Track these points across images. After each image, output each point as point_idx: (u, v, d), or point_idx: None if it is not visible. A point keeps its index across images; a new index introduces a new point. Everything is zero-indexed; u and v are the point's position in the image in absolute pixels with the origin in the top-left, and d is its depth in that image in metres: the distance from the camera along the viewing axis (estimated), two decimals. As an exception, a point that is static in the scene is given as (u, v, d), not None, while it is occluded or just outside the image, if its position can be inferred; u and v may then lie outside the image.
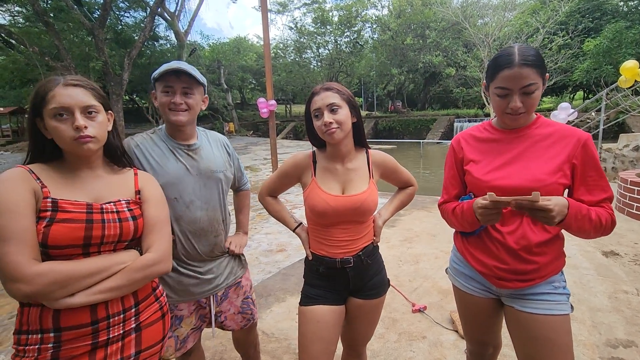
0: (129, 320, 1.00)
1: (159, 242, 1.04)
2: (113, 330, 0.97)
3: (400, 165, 1.48)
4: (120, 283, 0.95)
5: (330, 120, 1.20)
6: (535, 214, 0.99)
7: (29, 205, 0.88)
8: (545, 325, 1.14)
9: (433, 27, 22.87)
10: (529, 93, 1.07)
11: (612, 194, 1.13)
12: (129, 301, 1.01)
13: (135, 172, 1.14)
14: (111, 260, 0.95)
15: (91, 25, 13.74)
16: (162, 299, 1.14)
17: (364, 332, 1.45)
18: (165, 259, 1.05)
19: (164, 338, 1.13)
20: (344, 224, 1.31)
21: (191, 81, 1.31)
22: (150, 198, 1.09)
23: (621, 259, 3.40)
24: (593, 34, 19.05)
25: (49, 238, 0.88)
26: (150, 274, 1.01)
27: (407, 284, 3.06)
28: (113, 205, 1.00)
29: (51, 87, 0.94)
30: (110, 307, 0.96)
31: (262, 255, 3.88)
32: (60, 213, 0.90)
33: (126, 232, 0.99)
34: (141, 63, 20.11)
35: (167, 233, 1.10)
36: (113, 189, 1.04)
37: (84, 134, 0.94)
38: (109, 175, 1.07)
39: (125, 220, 0.99)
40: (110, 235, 0.96)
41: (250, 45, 36.29)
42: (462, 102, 26.33)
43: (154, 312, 1.09)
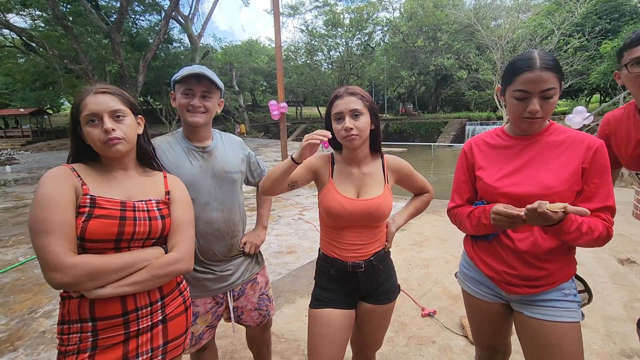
0: (156, 313, 1.08)
1: (182, 242, 1.11)
2: (142, 321, 1.04)
3: (416, 171, 1.48)
4: (145, 278, 1.02)
5: (351, 126, 1.22)
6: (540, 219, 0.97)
7: (69, 201, 0.96)
8: (554, 332, 1.13)
9: (445, 29, 22.71)
10: (547, 97, 1.08)
11: (612, 204, 1.10)
12: (155, 295, 1.08)
13: (164, 175, 1.21)
14: (138, 257, 1.02)
15: (108, 28, 14.09)
16: (186, 293, 1.22)
17: (374, 337, 1.46)
18: (187, 258, 1.10)
19: (187, 330, 1.20)
20: (357, 228, 1.32)
21: (210, 85, 1.37)
22: (178, 200, 1.17)
23: (637, 267, 3.32)
24: (611, 35, 18.60)
25: (86, 232, 0.95)
26: (172, 272, 1.07)
27: (416, 288, 3.05)
28: (144, 204, 1.07)
29: (84, 97, 1.04)
30: (139, 300, 1.04)
31: (272, 257, 3.92)
32: (98, 209, 0.98)
33: (155, 230, 1.06)
34: (155, 66, 20.50)
35: (191, 234, 1.16)
36: (144, 189, 1.12)
37: (112, 136, 1.02)
38: (141, 177, 1.15)
39: (154, 219, 1.06)
40: (140, 232, 1.03)
41: (262, 48, 36.63)
42: (474, 105, 26.04)
43: (178, 305, 1.16)
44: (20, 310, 2.91)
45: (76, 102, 1.05)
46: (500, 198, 1.18)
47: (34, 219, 0.92)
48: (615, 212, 1.12)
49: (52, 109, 29.93)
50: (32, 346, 2.40)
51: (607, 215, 1.10)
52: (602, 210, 1.10)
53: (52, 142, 22.21)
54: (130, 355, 1.02)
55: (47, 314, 2.82)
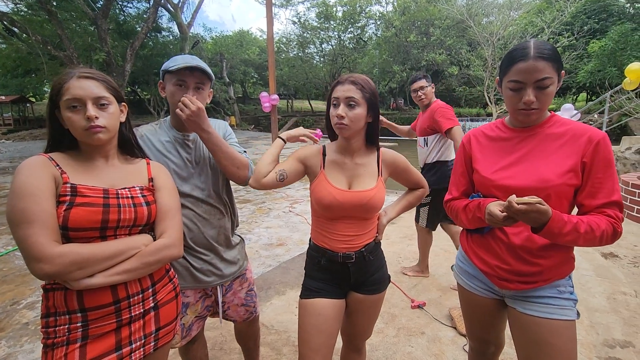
0: (148, 300, 1.07)
1: (171, 228, 1.10)
2: (134, 309, 1.03)
3: (412, 166, 1.47)
4: (136, 266, 1.00)
5: (343, 114, 1.20)
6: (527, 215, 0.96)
7: (49, 190, 0.93)
8: (547, 329, 1.11)
9: (437, 24, 22.72)
10: (543, 87, 1.04)
11: (618, 199, 1.05)
12: (146, 282, 1.07)
13: (147, 162, 1.19)
14: (127, 244, 1.00)
15: (94, 14, 13.67)
16: (175, 280, 1.22)
17: (364, 327, 1.46)
18: (177, 243, 1.10)
19: (177, 317, 1.20)
20: (348, 219, 1.31)
21: (203, 77, 1.34)
22: (162, 186, 1.15)
23: (620, 261, 3.41)
24: (598, 35, 18.91)
25: (69, 221, 0.93)
26: (163, 258, 1.06)
27: (406, 280, 3.07)
28: (127, 191, 1.05)
29: (66, 80, 0.99)
30: (130, 288, 1.02)
31: (262, 249, 3.90)
32: (79, 197, 0.95)
33: (140, 216, 1.04)
34: (143, 54, 20.02)
35: (179, 220, 1.15)
36: (127, 177, 1.09)
37: (94, 124, 0.98)
38: (123, 165, 1.12)
39: (139, 206, 1.05)
40: (125, 219, 1.01)
41: (253, 39, 36.10)
42: (464, 101, 26.22)
43: (169, 291, 1.16)
44: (2, 301, 2.83)
45: (57, 84, 0.99)
46: (496, 191, 1.17)
47: (13, 209, 0.89)
48: (623, 206, 1.07)
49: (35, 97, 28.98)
50: (14, 338, 2.34)
51: (614, 211, 1.05)
52: (608, 206, 1.05)
53: (35, 131, 21.56)
54: (123, 342, 1.01)
55: (30, 306, 2.75)
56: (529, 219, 0.98)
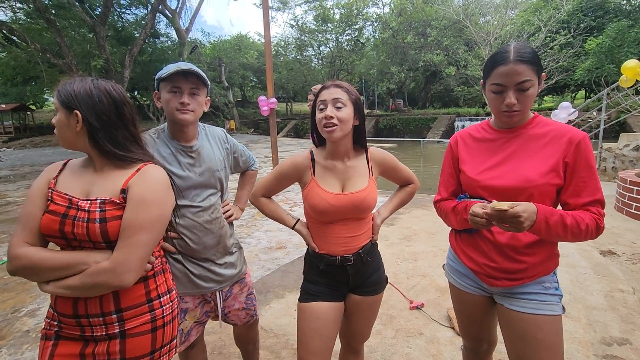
0: (112, 325, 0.98)
1: (120, 250, 0.94)
2: (96, 329, 0.99)
3: (401, 163, 1.48)
4: (76, 284, 0.93)
5: (332, 115, 1.20)
6: (504, 222, 0.99)
7: (40, 193, 0.99)
8: (533, 324, 1.14)
9: (434, 25, 22.80)
10: (523, 90, 1.08)
11: (601, 197, 1.09)
12: (108, 305, 0.98)
13: (139, 169, 1.03)
14: (79, 259, 0.93)
15: (92, 22, 13.76)
16: (158, 312, 1.05)
17: (362, 329, 1.47)
18: (120, 271, 0.92)
19: (154, 353, 1.04)
20: (344, 221, 1.32)
21: (198, 82, 1.33)
22: (132, 199, 0.97)
23: (618, 258, 3.41)
24: (595, 32, 18.97)
25: (40, 226, 0.97)
26: (98, 283, 0.92)
27: (405, 281, 3.08)
28: (87, 204, 0.95)
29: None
30: (89, 307, 0.97)
31: (262, 253, 3.91)
32: (52, 204, 0.97)
33: (92, 233, 0.93)
34: (142, 60, 20.10)
35: (137, 241, 0.95)
36: (103, 185, 1.00)
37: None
38: (110, 172, 1.02)
39: (92, 222, 0.93)
40: (79, 233, 0.94)
41: (251, 43, 36.25)
42: (463, 101, 26.27)
43: (143, 323, 1.02)
44: (3, 309, 2.84)
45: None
46: (482, 191, 1.19)
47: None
48: (605, 204, 1.11)
49: (35, 105, 29.13)
50: (15, 345, 2.35)
51: (597, 208, 1.09)
52: (592, 204, 1.09)
53: (36, 139, 21.65)
54: (87, 357, 1.01)
55: (30, 313, 2.77)
56: (509, 225, 1.01)
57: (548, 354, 1.12)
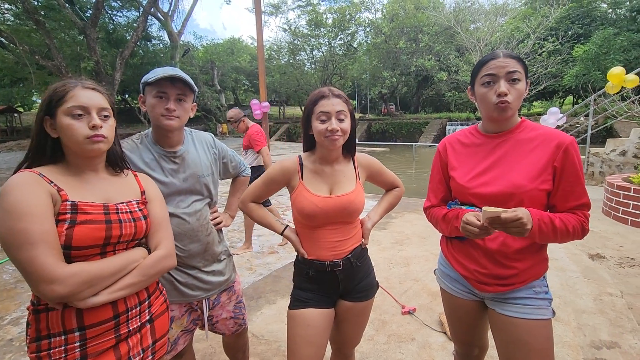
0: (144, 313, 1.07)
1: (166, 239, 1.13)
2: (132, 322, 1.03)
3: (385, 167, 1.51)
4: (138, 279, 1.01)
5: (338, 127, 1.23)
6: (507, 227, 0.99)
7: (48, 209, 0.90)
8: (524, 329, 1.15)
9: (426, 31, 23.06)
10: (514, 80, 1.11)
11: (587, 201, 1.12)
12: (142, 294, 1.08)
13: (134, 174, 1.19)
14: (128, 259, 1.01)
15: (83, 24, 13.60)
16: (165, 293, 1.22)
17: (353, 335, 1.46)
18: (172, 254, 1.13)
19: (168, 331, 1.20)
20: (332, 225, 1.32)
21: (185, 88, 1.31)
22: (154, 198, 1.17)
23: (607, 262, 3.46)
24: (582, 40, 19.41)
25: (72, 240, 0.91)
26: (162, 269, 1.08)
27: (397, 286, 3.08)
28: (126, 206, 1.05)
29: (71, 88, 0.98)
30: (129, 301, 1.02)
31: (254, 257, 3.88)
32: (81, 215, 0.94)
33: (140, 230, 1.06)
34: (133, 63, 19.94)
35: (171, 231, 1.18)
36: (121, 191, 1.09)
37: (98, 133, 0.98)
38: (112, 178, 1.11)
39: (138, 220, 1.06)
40: (126, 234, 1.01)
41: (244, 47, 36.24)
42: (454, 106, 26.58)
43: (161, 303, 1.16)
44: (-15, 318, 2.76)
45: (60, 90, 0.97)
46: (472, 198, 1.20)
47: (10, 231, 0.84)
48: (591, 206, 1.14)
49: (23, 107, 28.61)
50: (-3, 356, 2.28)
51: (582, 212, 1.12)
52: (578, 208, 1.12)
53: (23, 142, 21.20)
54: (123, 359, 1.00)
55: (14, 321, 2.69)
56: (509, 229, 1.01)
57: (539, 358, 1.13)
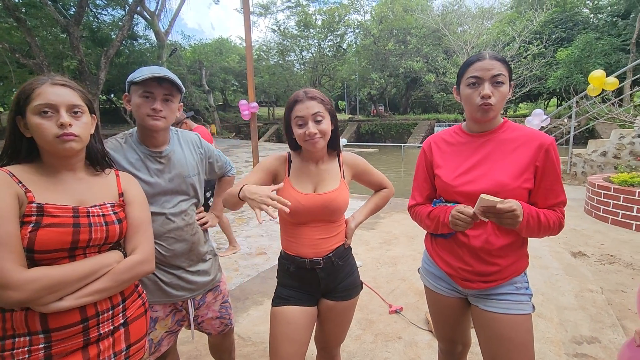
0: (117, 317, 1.03)
1: (143, 243, 1.08)
2: (103, 326, 0.99)
3: (373, 167, 1.51)
4: (109, 285, 0.97)
5: (315, 131, 1.23)
6: (501, 217, 1.03)
7: (12, 210, 0.87)
8: (505, 323, 1.18)
9: (414, 33, 23.30)
10: (498, 83, 1.13)
11: (564, 199, 1.19)
12: (116, 298, 1.04)
13: (117, 174, 1.14)
14: (98, 263, 0.97)
15: (66, 22, 13.27)
16: (144, 295, 1.18)
17: (336, 334, 1.46)
18: (150, 258, 1.08)
19: (147, 332, 1.16)
20: (315, 222, 1.33)
21: (172, 88, 1.30)
22: (133, 200, 1.12)
23: (588, 259, 3.55)
24: (565, 43, 19.92)
25: (35, 243, 0.88)
26: (137, 275, 1.04)
27: (384, 285, 3.09)
28: (99, 209, 1.01)
29: (37, 85, 0.95)
30: (99, 305, 0.98)
31: (241, 259, 3.84)
32: (47, 217, 0.90)
33: (112, 235, 1.01)
34: (119, 62, 19.54)
35: (151, 234, 1.13)
36: (97, 192, 1.05)
37: (68, 132, 0.94)
38: (91, 178, 1.07)
39: (111, 224, 1.01)
40: (97, 238, 0.98)
41: (233, 47, 35.93)
42: (442, 107, 26.90)
43: (138, 307, 1.12)
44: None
45: (27, 88, 0.94)
46: (458, 196, 1.22)
47: None
48: (566, 203, 1.20)
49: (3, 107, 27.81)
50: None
51: (560, 209, 1.18)
52: (557, 205, 1.17)
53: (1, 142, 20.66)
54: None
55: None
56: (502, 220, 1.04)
57: (520, 352, 1.16)
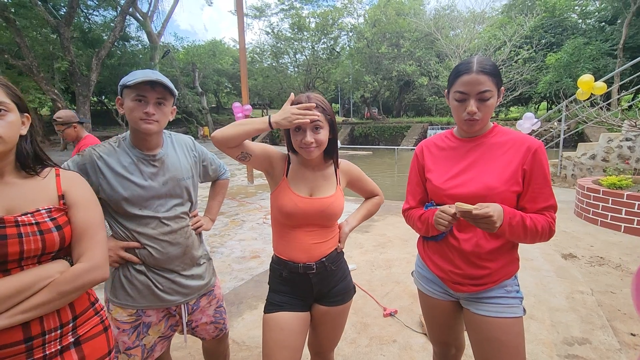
0: (66, 336, 0.95)
1: (91, 249, 0.96)
2: (49, 346, 0.90)
3: (366, 175, 1.53)
4: (49, 298, 0.87)
5: (312, 140, 1.22)
6: (477, 222, 1.05)
7: None
8: (497, 327, 1.19)
9: (407, 36, 23.52)
10: (484, 99, 1.14)
11: (554, 203, 1.18)
12: (66, 315, 0.95)
13: (57, 173, 1.01)
14: (35, 276, 0.87)
15: (56, 22, 13.12)
16: (103, 313, 1.08)
17: (330, 339, 1.46)
18: (99, 265, 0.96)
19: (111, 352, 1.07)
20: (309, 227, 1.32)
21: (165, 92, 1.30)
22: (77, 201, 0.98)
23: (578, 261, 3.60)
24: (555, 48, 20.30)
25: None
26: (83, 285, 0.93)
27: (379, 288, 3.10)
28: (31, 217, 0.88)
29: None
30: (46, 322, 0.90)
31: (235, 262, 3.82)
32: None
33: (50, 244, 0.90)
34: (111, 64, 19.36)
35: (101, 238, 1.01)
36: (30, 197, 0.92)
37: None
38: (23, 182, 0.94)
39: (47, 232, 0.89)
40: (31, 249, 0.87)
41: (226, 49, 35.84)
42: (435, 110, 27.16)
43: (95, 325, 1.03)
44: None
45: None
46: (447, 199, 1.24)
47: None
48: (557, 208, 1.20)
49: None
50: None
51: (550, 213, 1.17)
52: (546, 209, 1.17)
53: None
54: None
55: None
56: (482, 225, 1.06)
57: (512, 354, 1.17)
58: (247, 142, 1.24)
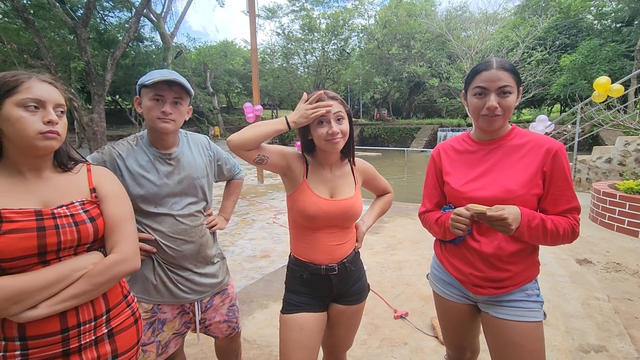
0: (100, 327, 0.99)
1: (122, 241, 1.01)
2: (84, 337, 0.95)
3: (379, 173, 1.54)
4: (85, 288, 0.92)
5: (338, 130, 1.22)
6: (492, 224, 1.04)
7: None
8: (517, 331, 1.17)
9: (418, 38, 23.35)
10: (504, 94, 1.13)
11: (577, 205, 1.16)
12: (100, 308, 0.99)
13: (88, 169, 1.07)
14: (71, 266, 0.91)
15: (73, 23, 13.38)
16: (134, 305, 1.13)
17: (345, 338, 1.47)
18: (130, 257, 1.01)
19: (138, 342, 1.12)
20: (331, 228, 1.32)
21: (182, 92, 1.32)
22: (108, 195, 1.04)
23: (594, 267, 3.53)
24: (569, 49, 19.93)
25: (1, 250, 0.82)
26: (116, 275, 0.97)
27: (389, 290, 3.08)
28: (66, 209, 0.93)
29: (25, 79, 0.92)
30: (82, 314, 0.94)
31: (246, 261, 3.85)
32: (6, 224, 0.84)
33: (85, 235, 0.94)
34: (125, 64, 19.69)
35: (131, 231, 1.05)
36: (64, 191, 0.97)
37: (54, 130, 0.91)
38: (58, 177, 1.00)
39: (82, 223, 0.94)
40: (67, 240, 0.91)
41: (237, 50, 36.14)
42: (445, 112, 26.94)
43: (127, 317, 1.07)
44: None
45: (11, 79, 0.89)
46: (466, 203, 1.22)
47: None
48: (580, 210, 1.17)
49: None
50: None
51: (573, 215, 1.15)
52: (569, 212, 1.15)
53: None
54: None
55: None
56: (494, 226, 1.05)
57: (531, 359, 1.15)
58: (263, 145, 1.22)
